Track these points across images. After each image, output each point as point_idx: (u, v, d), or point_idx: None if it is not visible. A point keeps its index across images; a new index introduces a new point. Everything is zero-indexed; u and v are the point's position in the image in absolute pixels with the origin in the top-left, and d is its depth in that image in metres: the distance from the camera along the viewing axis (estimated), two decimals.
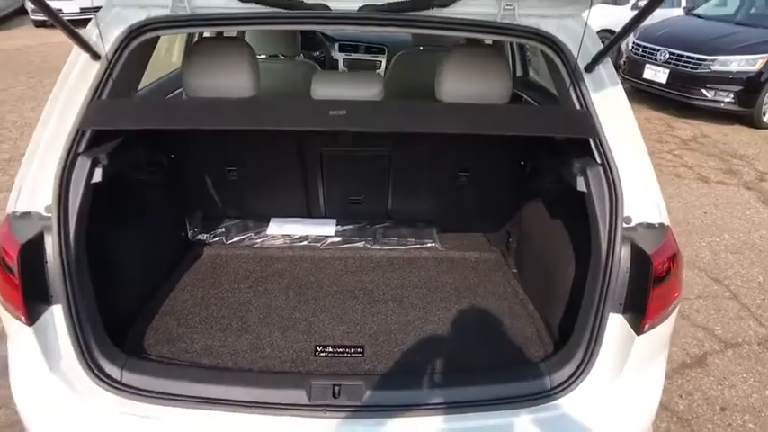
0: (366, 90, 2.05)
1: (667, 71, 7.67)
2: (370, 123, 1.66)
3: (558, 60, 1.73)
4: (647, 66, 7.92)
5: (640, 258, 1.52)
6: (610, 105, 1.68)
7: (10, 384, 1.66)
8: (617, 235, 1.56)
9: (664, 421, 2.71)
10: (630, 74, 8.28)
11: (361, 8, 1.69)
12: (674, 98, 7.70)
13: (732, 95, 7.23)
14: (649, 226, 1.59)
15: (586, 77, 1.69)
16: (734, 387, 2.95)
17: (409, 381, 1.62)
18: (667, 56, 7.71)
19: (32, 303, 1.51)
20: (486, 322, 2.15)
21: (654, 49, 7.91)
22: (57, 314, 1.54)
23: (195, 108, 1.81)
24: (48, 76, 8.94)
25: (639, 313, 1.52)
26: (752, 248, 4.35)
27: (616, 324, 1.57)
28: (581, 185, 1.66)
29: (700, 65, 7.37)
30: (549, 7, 1.70)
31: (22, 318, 1.50)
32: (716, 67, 7.28)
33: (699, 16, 8.70)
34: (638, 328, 1.52)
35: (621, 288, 1.55)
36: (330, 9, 1.68)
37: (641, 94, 8.38)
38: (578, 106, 1.71)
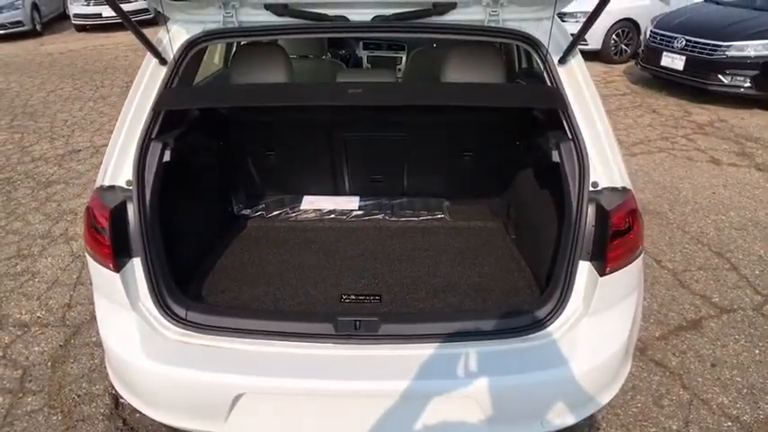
0: (383, 80, 2.48)
1: (684, 58, 7.79)
2: (379, 98, 2.06)
3: (535, 55, 2.09)
4: (665, 53, 8.06)
5: (602, 215, 1.86)
6: (579, 89, 2.03)
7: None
8: (584, 197, 1.90)
9: (656, 375, 2.98)
10: (648, 62, 8.43)
11: (373, 18, 2.09)
12: (692, 84, 7.82)
13: (749, 80, 7.32)
14: (613, 189, 1.92)
15: (560, 68, 2.04)
16: (725, 347, 3.19)
17: (417, 317, 2.01)
18: (684, 43, 7.83)
19: (119, 255, 1.93)
20: (484, 276, 2.52)
21: (671, 37, 8.04)
22: (137, 265, 1.96)
23: (242, 91, 2.26)
24: (91, 78, 9.52)
25: (602, 259, 1.86)
26: (756, 225, 4.54)
27: (585, 270, 1.92)
28: (555, 157, 2.01)
29: (716, 51, 7.48)
30: (527, 12, 2.06)
31: (111, 266, 1.91)
32: (732, 53, 7.38)
33: (717, 2, 8.77)
34: (601, 272, 1.86)
35: (588, 240, 1.90)
36: (348, 20, 2.09)
37: (659, 81, 8.52)
38: None
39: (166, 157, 2.04)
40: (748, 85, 7.36)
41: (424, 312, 2.17)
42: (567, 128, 2.00)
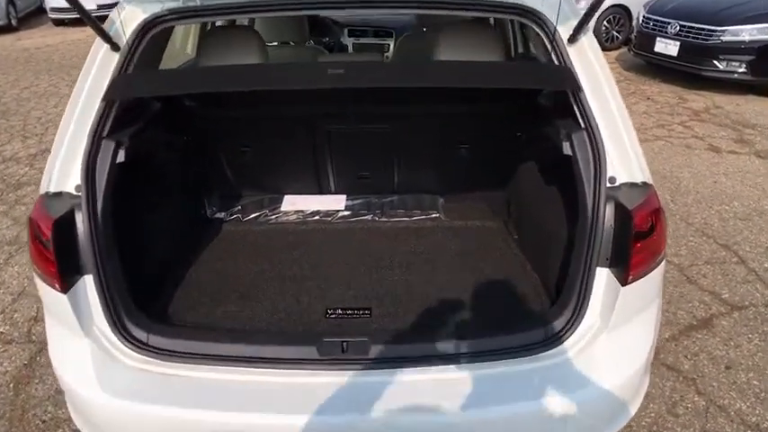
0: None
1: (678, 44, 7.62)
2: (366, 79, 1.78)
3: (542, 34, 1.84)
4: (658, 39, 7.88)
5: (623, 215, 1.63)
6: (593, 74, 1.78)
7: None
8: (601, 194, 1.66)
9: (669, 380, 2.80)
10: (641, 48, 8.25)
11: None
12: (686, 70, 7.66)
13: (745, 65, 7.17)
14: (633, 185, 1.69)
15: (569, 48, 1.79)
16: (739, 347, 3.02)
17: (412, 336, 1.76)
18: (678, 28, 7.66)
19: (66, 273, 1.66)
20: (486, 283, 2.27)
21: (664, 22, 7.86)
22: (88, 284, 1.70)
23: (205, 73, 1.98)
24: (68, 73, 9.16)
25: (624, 266, 1.62)
26: (761, 215, 4.38)
27: (603, 277, 1.68)
28: (567, 149, 1.76)
29: (711, 36, 7.31)
30: None
31: (57, 286, 1.65)
32: (727, 38, 7.22)
33: None
34: (623, 280, 1.63)
35: (607, 244, 1.66)
36: None
37: (652, 67, 8.34)
38: None
39: (121, 158, 1.78)
40: (743, 70, 7.21)
41: (420, 330, 1.90)
42: (579, 115, 1.75)
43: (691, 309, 3.31)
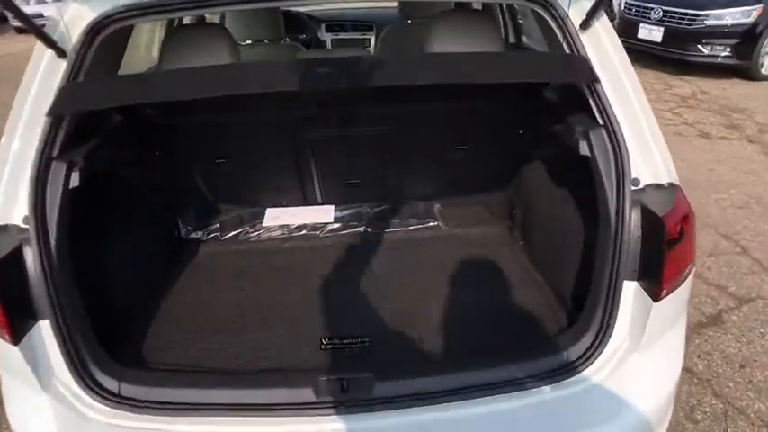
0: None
1: (662, 29, 7.54)
2: (356, 78, 1.54)
3: (550, 19, 1.64)
4: (642, 25, 7.79)
5: (652, 222, 1.45)
6: (609, 63, 1.59)
7: None
8: (626, 199, 1.47)
9: (684, 383, 2.66)
10: (624, 34, 8.10)
11: None
12: (671, 56, 7.59)
13: (729, 49, 7.12)
14: (658, 186, 1.50)
15: (582, 35, 1.60)
16: (752, 343, 2.90)
17: (419, 368, 1.55)
18: (661, 14, 7.57)
19: (16, 321, 1.42)
20: (496, 299, 2.08)
21: (647, 8, 7.77)
22: (45, 330, 1.46)
23: (167, 78, 1.70)
24: None
25: (655, 279, 1.44)
26: (759, 202, 4.28)
27: (631, 292, 1.49)
28: (584, 150, 1.57)
29: (694, 20, 7.25)
30: None
31: (6, 337, 1.42)
32: (710, 22, 7.15)
33: None
34: (656, 295, 1.45)
35: (635, 254, 1.47)
36: None
37: (635, 54, 8.24)
38: None
39: (75, 181, 1.53)
40: (727, 54, 7.15)
41: (430, 360, 1.67)
42: (596, 111, 1.56)
43: (699, 305, 3.18)
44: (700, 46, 7.22)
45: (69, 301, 1.47)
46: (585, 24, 1.59)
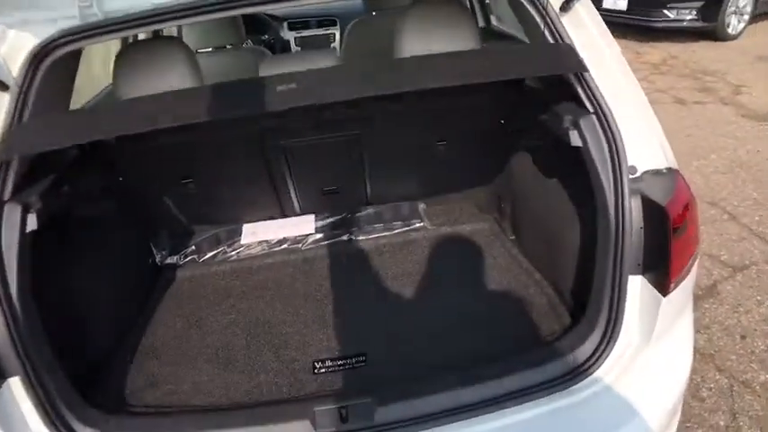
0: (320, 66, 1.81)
1: None
2: (326, 93, 1.43)
3: (526, 1, 1.53)
4: None
5: (654, 211, 1.36)
6: (594, 46, 1.49)
7: None
8: (624, 189, 1.38)
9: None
10: None
11: None
12: (637, 23, 7.53)
13: (694, 12, 7.10)
14: (657, 173, 1.42)
15: (563, 18, 1.50)
16: (750, 312, 2.86)
17: (423, 386, 1.46)
18: None
19: None
20: (493, 301, 1.98)
21: None
22: (15, 388, 1.34)
23: (120, 111, 1.56)
24: None
25: (663, 272, 1.36)
26: (741, 166, 4.26)
27: (637, 287, 1.41)
28: (575, 140, 1.47)
29: None
30: None
31: None
32: None
33: None
34: (664, 289, 1.37)
35: (638, 247, 1.39)
36: None
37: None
38: None
39: (32, 224, 1.41)
40: (693, 16, 7.14)
41: (431, 376, 1.57)
42: (585, 98, 1.47)
43: None
44: (665, 11, 7.19)
45: (38, 352, 1.35)
46: (565, 6, 1.48)
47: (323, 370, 1.75)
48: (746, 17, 7.37)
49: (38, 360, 1.35)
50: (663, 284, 1.37)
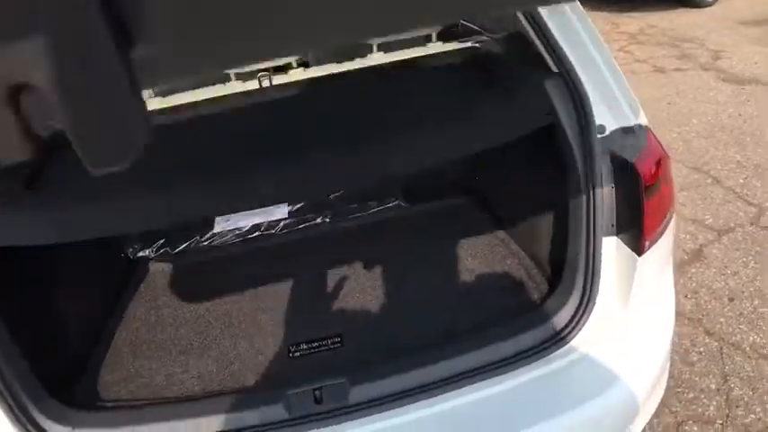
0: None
1: None
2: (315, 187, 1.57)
3: None
4: None
5: (624, 169, 1.32)
6: (557, 8, 1.43)
7: None
8: (593, 149, 1.34)
9: (675, 326, 2.60)
10: None
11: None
12: None
13: None
14: (626, 130, 1.37)
15: None
16: (737, 274, 2.84)
17: (398, 364, 1.41)
18: None
19: None
20: (470, 274, 1.93)
21: None
22: None
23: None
24: None
25: (636, 232, 1.32)
26: (723, 129, 4.22)
27: (612, 248, 1.37)
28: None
29: None
30: None
31: None
32: None
33: None
34: (639, 249, 1.33)
35: (610, 207, 1.35)
36: None
37: None
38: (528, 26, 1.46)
39: None
40: None
41: (406, 352, 1.52)
42: (550, 60, 1.41)
43: (678, 242, 3.09)
44: None
45: (6, 358, 1.29)
46: None
47: (298, 354, 1.70)
48: None
49: (4, 365, 1.30)
50: (638, 245, 1.33)
